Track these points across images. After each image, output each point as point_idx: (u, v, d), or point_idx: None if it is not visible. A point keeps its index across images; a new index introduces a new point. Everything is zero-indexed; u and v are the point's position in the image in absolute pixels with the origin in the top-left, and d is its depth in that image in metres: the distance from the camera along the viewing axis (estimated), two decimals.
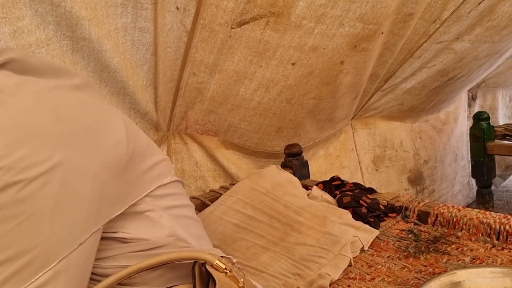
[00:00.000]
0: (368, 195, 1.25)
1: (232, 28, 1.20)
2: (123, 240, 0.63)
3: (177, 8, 1.09)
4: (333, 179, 1.41)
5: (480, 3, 1.62)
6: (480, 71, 2.24)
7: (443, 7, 1.59)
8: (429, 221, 1.10)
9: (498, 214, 1.01)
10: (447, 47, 1.80)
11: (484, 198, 2.15)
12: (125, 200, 0.63)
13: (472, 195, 2.71)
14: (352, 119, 2.01)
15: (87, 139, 0.58)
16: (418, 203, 1.16)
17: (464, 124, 2.66)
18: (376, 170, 2.08)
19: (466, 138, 2.63)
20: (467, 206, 2.70)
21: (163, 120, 1.32)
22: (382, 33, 1.45)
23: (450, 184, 2.51)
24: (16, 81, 0.57)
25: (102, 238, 0.61)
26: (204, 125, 1.44)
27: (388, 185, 2.12)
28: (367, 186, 1.86)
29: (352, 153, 2.00)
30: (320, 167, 1.83)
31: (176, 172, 1.43)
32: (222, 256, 0.60)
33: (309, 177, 1.56)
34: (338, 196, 1.25)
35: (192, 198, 1.26)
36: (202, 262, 0.59)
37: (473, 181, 2.74)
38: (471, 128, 2.12)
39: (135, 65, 1.08)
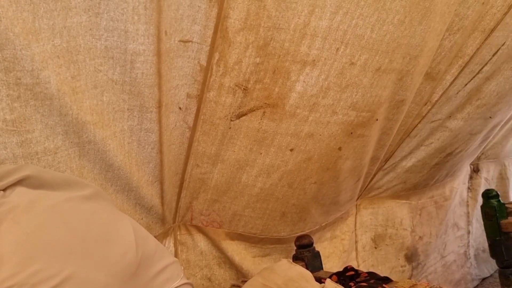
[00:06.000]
0: (384, 285, 1.21)
1: (231, 120, 1.28)
2: None
3: (180, 108, 1.18)
4: (346, 269, 1.38)
5: (466, 84, 1.71)
6: (477, 144, 2.29)
7: (432, 91, 1.68)
8: None
9: None
10: (441, 126, 1.86)
11: (507, 279, 2.01)
12: None
13: (470, 265, 2.66)
14: (357, 199, 2.02)
15: (97, 250, 0.60)
16: None
17: (462, 195, 2.66)
18: (376, 248, 2.07)
19: (465, 209, 2.62)
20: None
21: (169, 213, 1.35)
22: (377, 120, 1.52)
23: (438, 255, 2.46)
24: (31, 197, 0.61)
25: None
26: (209, 215, 1.46)
27: (385, 262, 2.12)
28: (362, 264, 1.79)
29: (353, 234, 2.00)
30: (324, 250, 1.81)
31: (181, 262, 1.43)
32: None
33: (322, 269, 1.51)
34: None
35: None
36: None
37: (471, 250, 2.70)
38: (482, 207, 2.07)
39: (140, 162, 1.13)
